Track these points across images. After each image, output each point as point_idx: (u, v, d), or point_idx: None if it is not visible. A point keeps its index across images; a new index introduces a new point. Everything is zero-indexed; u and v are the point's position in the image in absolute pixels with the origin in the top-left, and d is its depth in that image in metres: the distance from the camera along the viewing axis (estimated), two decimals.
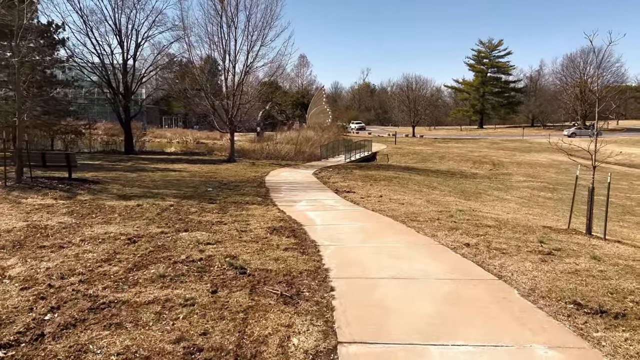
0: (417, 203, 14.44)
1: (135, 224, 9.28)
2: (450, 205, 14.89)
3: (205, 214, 10.76)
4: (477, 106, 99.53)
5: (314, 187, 17.67)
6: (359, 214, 11.86)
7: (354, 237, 8.96)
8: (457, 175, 29.85)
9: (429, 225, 10.34)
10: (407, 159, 41.49)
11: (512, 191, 23.99)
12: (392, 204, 13.91)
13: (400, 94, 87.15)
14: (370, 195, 15.62)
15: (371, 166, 30.85)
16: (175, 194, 14.32)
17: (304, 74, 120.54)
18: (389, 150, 47.45)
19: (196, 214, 10.80)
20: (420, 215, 11.71)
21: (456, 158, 42.29)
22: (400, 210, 12.63)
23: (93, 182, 15.71)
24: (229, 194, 14.86)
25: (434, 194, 18.65)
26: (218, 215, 10.68)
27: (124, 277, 5.88)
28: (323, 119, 68.98)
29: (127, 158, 30.59)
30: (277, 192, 16.01)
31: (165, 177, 19.41)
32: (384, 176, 23.14)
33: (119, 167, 23.47)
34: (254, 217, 10.76)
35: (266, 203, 13.24)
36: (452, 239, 8.84)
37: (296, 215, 11.23)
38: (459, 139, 70.01)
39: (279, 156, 34.99)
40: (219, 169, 24.34)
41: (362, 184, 19.26)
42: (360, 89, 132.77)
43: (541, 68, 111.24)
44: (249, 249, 7.60)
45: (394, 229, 9.88)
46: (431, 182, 23.74)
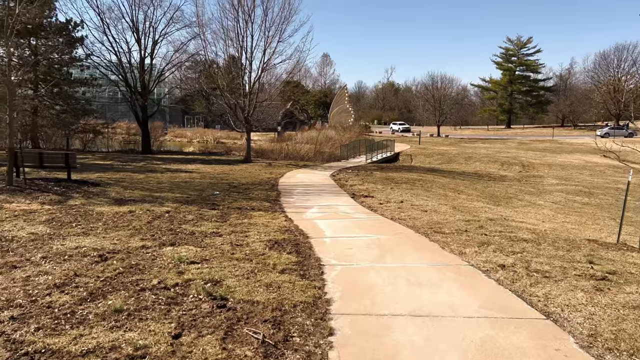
0: (442, 210, 13.01)
1: (117, 235, 8.13)
2: (478, 212, 13.41)
3: (202, 223, 9.57)
4: (505, 105, 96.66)
5: (329, 191, 16.36)
6: (375, 223, 10.51)
7: (367, 253, 7.63)
8: (485, 178, 28.16)
9: (456, 238, 8.93)
10: (431, 160, 39.81)
11: (544, 195, 22.26)
12: (413, 210, 12.51)
13: (425, 92, 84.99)
14: (389, 201, 14.24)
15: (393, 167, 29.38)
16: (178, 198, 13.20)
17: (327, 73, 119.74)
18: (412, 150, 45.80)
19: (191, 222, 9.62)
20: (445, 226, 10.31)
21: (483, 159, 40.42)
22: (422, 218, 11.24)
23: (93, 184, 14.71)
24: (236, 198, 13.67)
25: (460, 198, 17.16)
26: (215, 225, 9.48)
27: (70, 312, 4.69)
28: (345, 119, 67.60)
29: (142, 158, 29.78)
30: (289, 196, 14.76)
31: (174, 178, 18.36)
32: (406, 178, 21.69)
33: (129, 167, 22.57)
34: (256, 226, 9.52)
35: (274, 209, 12.00)
36: (484, 258, 7.43)
37: (304, 225, 9.95)
38: (486, 139, 67.71)
39: (297, 156, 33.79)
40: (233, 169, 23.24)
41: (381, 187, 17.88)
42: (384, 88, 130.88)
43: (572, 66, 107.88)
44: (238, 270, 6.34)
45: (414, 243, 8.51)
46: (457, 185, 22.18)
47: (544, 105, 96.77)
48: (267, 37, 26.91)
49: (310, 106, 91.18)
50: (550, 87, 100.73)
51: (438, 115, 74.23)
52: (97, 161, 25.50)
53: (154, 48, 36.13)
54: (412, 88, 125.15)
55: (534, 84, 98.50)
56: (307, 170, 24.85)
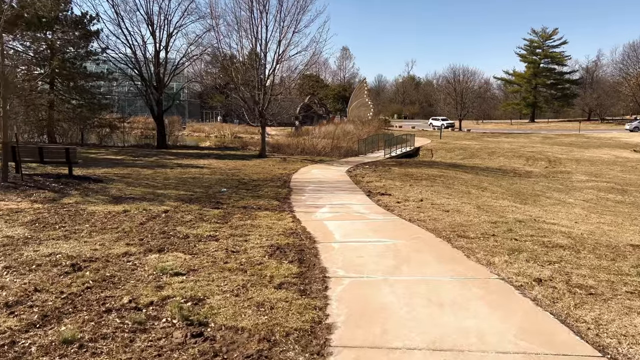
0: (465, 210, 11.93)
1: (101, 239, 7.29)
2: (505, 212, 12.30)
3: (199, 225, 8.70)
4: (529, 99, 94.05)
5: (343, 188, 15.39)
6: (391, 225, 9.50)
7: (380, 262, 6.64)
8: (510, 174, 26.81)
9: (482, 244, 7.89)
10: (453, 155, 38.47)
11: (574, 193, 20.93)
12: (434, 210, 11.47)
13: (446, 86, 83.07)
14: (408, 199, 13.20)
15: (412, 163, 28.21)
16: (181, 195, 12.38)
17: (346, 67, 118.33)
18: (433, 145, 44.47)
19: (189, 224, 8.75)
20: (469, 229, 9.26)
21: (507, 154, 38.92)
22: (444, 220, 10.19)
23: (95, 181, 14.00)
24: (243, 196, 12.80)
25: (485, 196, 16.02)
26: (214, 227, 8.59)
27: (8, 343, 3.82)
28: (364, 113, 66.36)
29: (156, 153, 29.18)
30: (300, 193, 13.83)
31: (182, 174, 17.59)
32: (427, 175, 20.57)
33: (139, 162, 21.91)
34: (259, 229, 8.61)
35: (282, 208, 11.08)
36: (516, 270, 6.39)
37: (312, 227, 9.00)
38: (509, 134, 65.79)
39: (314, 151, 32.82)
40: (245, 165, 22.41)
41: (400, 184, 16.83)
42: (404, 82, 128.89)
43: (599, 58, 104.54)
44: (227, 284, 5.43)
45: (435, 250, 7.49)
46: (480, 181, 20.98)
47: (569, 99, 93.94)
48: (282, 28, 25.99)
49: (329, 100, 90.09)
50: (576, 80, 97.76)
51: (460, 109, 72.39)
52: (109, 156, 24.94)
53: (169, 41, 35.47)
54: (433, 82, 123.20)
55: (559, 77, 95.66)
56: (322, 165, 23.90)
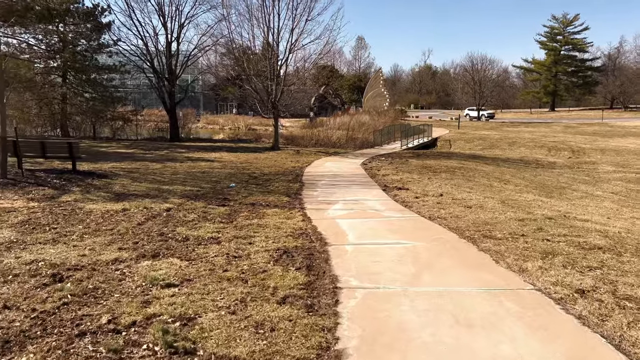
0: (489, 205, 11.12)
1: (93, 242, 6.70)
2: (532, 207, 11.46)
3: (202, 225, 8.06)
4: (549, 87, 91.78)
5: (358, 182, 14.65)
6: (409, 224, 8.76)
7: (398, 270, 5.93)
8: (532, 165, 25.78)
9: (511, 246, 7.12)
10: (472, 145, 37.40)
11: (602, 185, 19.91)
12: (455, 206, 10.69)
13: (464, 75, 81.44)
14: (427, 194, 12.43)
15: (430, 154, 27.30)
16: (187, 191, 11.78)
17: (361, 57, 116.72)
18: (451, 135, 43.38)
19: (190, 224, 8.13)
20: (495, 227, 8.48)
21: (528, 144, 37.71)
22: (467, 217, 9.42)
23: (100, 176, 13.48)
24: (252, 192, 12.16)
25: (508, 189, 15.16)
26: (217, 227, 7.95)
27: None
28: (380, 103, 65.26)
29: (167, 146, 28.71)
30: (312, 188, 13.14)
31: (192, 168, 17.01)
32: (446, 167, 19.71)
33: (149, 156, 21.42)
34: (266, 229, 7.95)
35: (292, 205, 10.41)
36: (553, 278, 5.63)
37: (324, 226, 8.31)
38: (529, 123, 64.19)
39: (328, 143, 32.06)
40: (257, 158, 21.78)
41: (418, 177, 16.03)
42: (420, 72, 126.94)
43: (621, 45, 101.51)
44: (224, 298, 4.77)
45: (459, 254, 6.74)
46: (502, 173, 20.06)
47: (591, 87, 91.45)
48: (294, 16, 25.18)
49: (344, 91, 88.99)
50: (598, 67, 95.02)
51: (478, 98, 70.95)
52: (120, 149, 24.51)
53: (180, 32, 34.90)
54: (451, 71, 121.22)
55: (580, 64, 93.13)
56: (336, 158, 23.16)
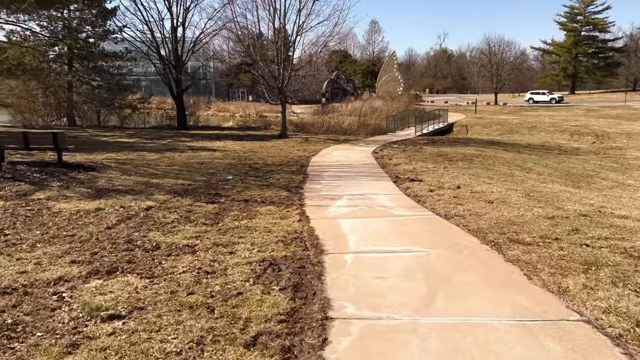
0: (513, 199, 9.88)
1: (43, 253, 5.65)
2: (561, 200, 10.18)
3: (181, 228, 6.99)
4: (569, 69, 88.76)
5: (367, 173, 13.47)
6: (422, 224, 7.58)
7: (407, 290, 4.78)
8: (555, 151, 24.28)
9: (545, 254, 5.92)
10: (490, 131, 35.86)
11: (632, 172, 18.46)
12: (475, 201, 9.48)
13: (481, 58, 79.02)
14: (442, 186, 11.21)
15: (446, 141, 25.90)
16: (177, 185, 10.73)
17: (375, 41, 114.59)
18: (468, 120, 41.80)
19: (168, 226, 7.05)
20: (523, 228, 7.27)
21: (549, 129, 36.04)
22: (488, 215, 8.22)
23: (87, 169, 12.49)
24: (249, 185, 11.06)
25: (531, 179, 13.86)
26: (199, 231, 6.86)
27: None
28: (394, 88, 63.60)
29: (173, 134, 27.71)
30: (316, 181, 12.00)
31: (190, 159, 15.97)
32: (463, 154, 18.39)
33: (150, 145, 20.43)
34: (255, 232, 6.85)
35: (290, 201, 9.29)
36: (604, 302, 4.43)
37: (323, 228, 7.18)
38: (548, 107, 62.06)
39: (340, 130, 30.83)
40: (263, 146, 20.68)
41: (432, 166, 14.79)
42: (436, 55, 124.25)
43: None
44: (177, 338, 3.68)
45: (482, 266, 5.56)
46: (524, 161, 18.69)
47: (612, 68, 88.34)
48: None
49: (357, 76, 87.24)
50: (620, 47, 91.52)
51: (496, 81, 68.73)
52: (122, 139, 23.60)
53: (186, 16, 33.74)
54: (467, 54, 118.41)
55: (602, 45, 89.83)
56: (346, 146, 21.95)
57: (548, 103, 65.97)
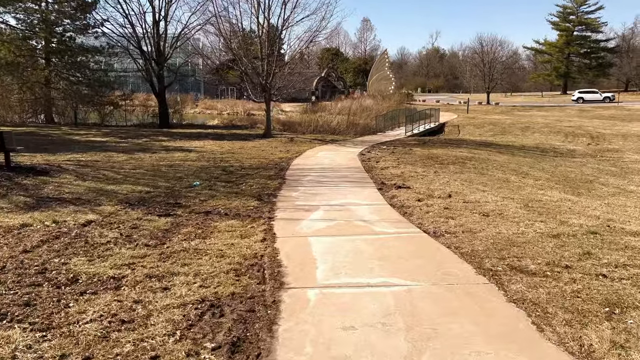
0: (510, 210, 8.76)
1: None
2: (563, 211, 9.08)
3: (117, 251, 5.77)
4: (561, 69, 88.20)
5: (351, 178, 12.29)
6: (406, 246, 6.41)
7: (381, 348, 3.62)
8: (550, 153, 23.24)
9: (555, 290, 4.78)
10: (482, 131, 34.83)
11: (632, 177, 17.44)
12: (468, 213, 8.34)
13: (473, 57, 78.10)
14: (432, 194, 10.08)
15: (437, 142, 24.78)
16: (133, 193, 9.50)
17: (367, 39, 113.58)
18: (460, 120, 40.78)
19: (100, 249, 5.83)
20: (525, 250, 6.14)
21: (543, 129, 35.08)
22: (484, 231, 7.08)
23: (39, 172, 11.21)
24: (216, 193, 9.86)
25: (528, 185, 12.78)
26: (137, 255, 5.66)
27: None
28: (385, 86, 62.52)
29: (152, 133, 26.36)
30: (294, 187, 10.81)
31: (161, 160, 14.73)
32: (454, 157, 17.27)
33: (122, 145, 19.12)
34: (204, 257, 5.66)
35: (258, 213, 8.09)
36: None
37: (289, 250, 6.01)
38: (541, 107, 61.26)
39: (328, 129, 29.65)
40: (243, 147, 19.44)
41: (422, 170, 13.66)
42: (428, 54, 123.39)
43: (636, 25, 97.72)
44: None
45: (479, 308, 4.40)
46: (519, 164, 17.61)
47: (605, 68, 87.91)
48: None
49: (349, 74, 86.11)
50: (612, 48, 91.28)
51: (488, 81, 67.83)
52: (96, 137, 22.26)
53: (169, 10, 32.38)
54: (459, 54, 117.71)
55: (594, 45, 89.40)
56: (332, 146, 20.77)
57: (601, 102, 61.57)
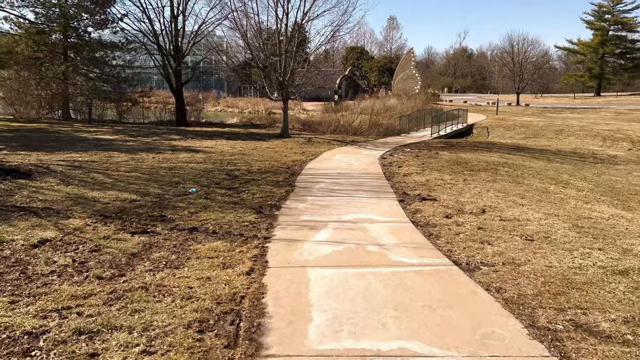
0: (558, 233, 7.22)
1: None
2: (620, 233, 7.49)
3: (56, 286, 4.51)
4: (595, 70, 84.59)
5: (368, 187, 10.85)
6: (432, 287, 4.95)
7: None
8: (590, 159, 21.35)
9: None
10: (513, 134, 32.91)
11: None
12: (507, 236, 6.85)
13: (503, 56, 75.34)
14: (463, 209, 8.60)
15: (466, 145, 23.08)
16: (116, 202, 8.27)
17: (393, 37, 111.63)
18: (489, 122, 38.80)
19: (37, 282, 4.57)
20: (589, 296, 4.65)
21: (578, 133, 32.92)
22: (530, 263, 5.60)
23: (20, 175, 10.09)
24: (211, 203, 8.56)
25: (571, 197, 11.14)
26: (79, 293, 4.38)
27: None
28: (411, 86, 60.58)
29: (165, 131, 25.31)
30: (302, 196, 9.45)
31: (162, 162, 13.53)
32: (486, 162, 15.66)
33: (128, 144, 18.05)
34: (165, 299, 4.34)
35: (254, 231, 6.75)
36: None
37: (280, 289, 4.64)
38: (574, 109, 58.50)
39: (349, 130, 28.22)
40: (257, 148, 18.16)
41: (450, 178, 12.14)
42: (455, 54, 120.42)
43: None
44: None
45: None
46: (557, 171, 15.89)
47: None
48: None
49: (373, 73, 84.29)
50: None
51: (518, 81, 65.23)
52: (104, 135, 21.27)
53: (187, 4, 31.35)
54: (487, 53, 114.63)
55: (630, 45, 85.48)
56: (352, 148, 19.32)
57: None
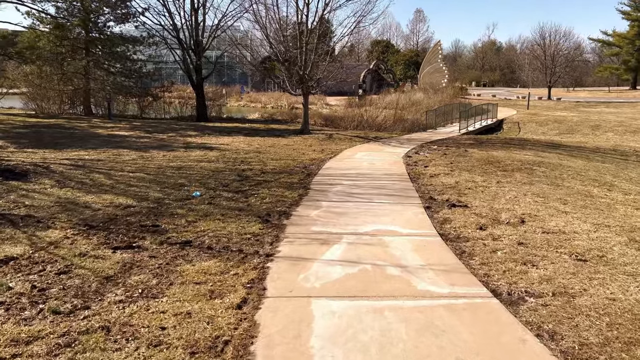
0: (613, 248, 6.11)
1: None
2: None
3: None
4: (631, 63, 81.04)
5: (391, 189, 9.80)
6: (467, 330, 3.92)
7: None
8: (633, 157, 19.77)
9: None
10: (546, 129, 31.29)
11: None
12: (553, 255, 5.76)
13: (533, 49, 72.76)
14: (498, 218, 7.51)
15: (497, 141, 21.69)
16: (108, 207, 7.46)
17: (419, 31, 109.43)
18: (520, 117, 37.12)
19: None
20: None
21: (617, 129, 31.11)
22: (588, 295, 4.53)
23: (13, 176, 9.40)
24: (213, 209, 7.67)
25: (619, 202, 9.89)
26: (16, 341, 3.53)
27: None
28: (438, 79, 58.91)
29: (183, 127, 24.68)
30: (316, 200, 8.48)
31: (171, 161, 12.75)
32: (520, 161, 14.40)
33: (142, 141, 17.37)
34: (128, 346, 3.44)
35: (255, 246, 5.83)
36: None
37: (276, 330, 3.69)
38: (609, 103, 55.98)
39: (373, 125, 27.14)
40: (274, 145, 17.27)
41: (481, 179, 11.00)
42: (483, 47, 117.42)
43: None
44: None
45: None
46: (599, 171, 14.53)
47: None
48: None
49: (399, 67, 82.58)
50: None
51: (550, 75, 62.81)
52: (119, 131, 20.66)
53: None
54: (517, 46, 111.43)
55: None
56: (375, 145, 18.25)
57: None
